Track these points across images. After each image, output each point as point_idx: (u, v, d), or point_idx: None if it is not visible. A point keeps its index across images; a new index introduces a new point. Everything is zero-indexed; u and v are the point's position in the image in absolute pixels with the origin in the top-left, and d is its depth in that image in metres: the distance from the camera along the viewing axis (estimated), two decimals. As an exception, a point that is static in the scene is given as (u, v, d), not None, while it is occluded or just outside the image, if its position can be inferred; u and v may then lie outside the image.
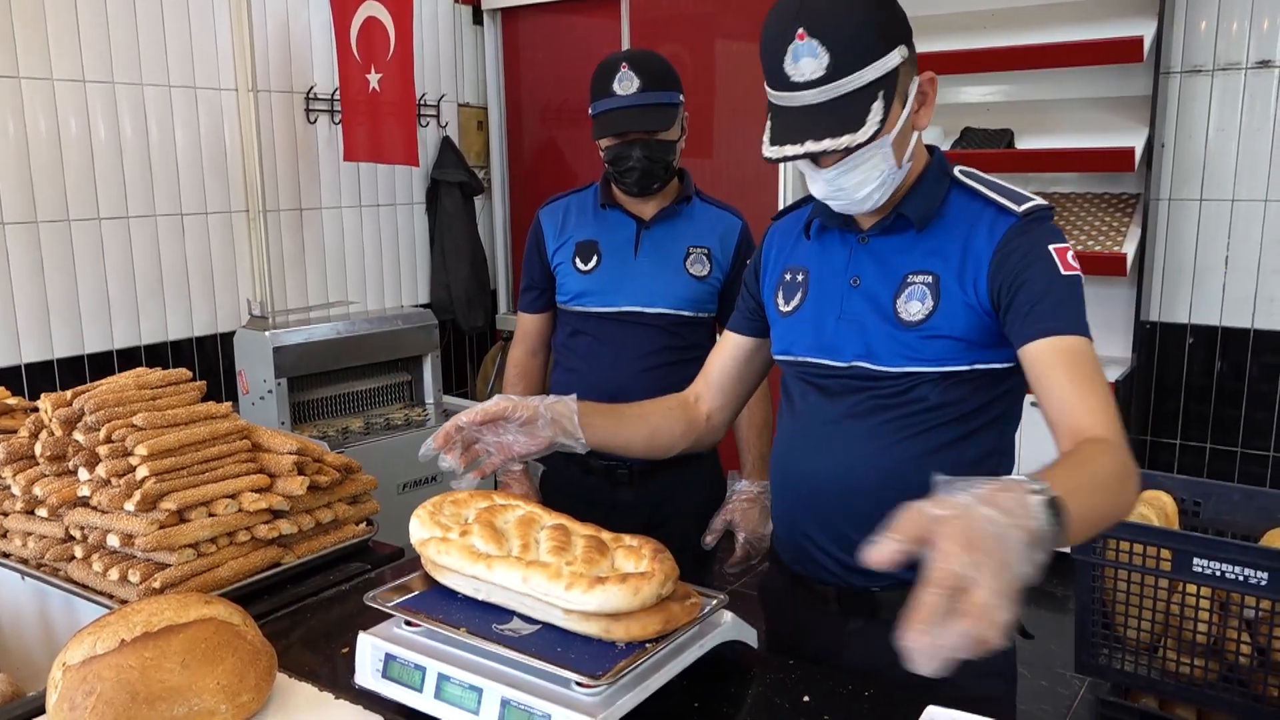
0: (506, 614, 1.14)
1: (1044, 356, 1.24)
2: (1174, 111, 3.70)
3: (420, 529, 1.23)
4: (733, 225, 2.13)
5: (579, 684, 1.02)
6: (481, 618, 1.14)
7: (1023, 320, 1.27)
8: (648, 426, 1.56)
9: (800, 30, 1.22)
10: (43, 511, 1.51)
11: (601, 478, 2.11)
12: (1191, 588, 1.99)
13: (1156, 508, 2.22)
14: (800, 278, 1.48)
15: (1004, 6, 3.81)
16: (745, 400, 1.68)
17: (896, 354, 1.35)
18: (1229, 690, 1.97)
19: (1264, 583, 1.88)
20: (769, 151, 1.29)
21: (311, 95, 4.05)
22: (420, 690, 1.11)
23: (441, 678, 1.10)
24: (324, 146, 4.14)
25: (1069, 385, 1.22)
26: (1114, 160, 3.52)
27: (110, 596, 1.40)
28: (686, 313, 2.08)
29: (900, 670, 1.31)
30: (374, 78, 3.93)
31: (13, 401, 1.78)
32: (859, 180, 1.29)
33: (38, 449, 1.52)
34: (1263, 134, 3.57)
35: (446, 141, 4.63)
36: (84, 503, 1.47)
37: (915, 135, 1.34)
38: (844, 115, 1.24)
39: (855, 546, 1.34)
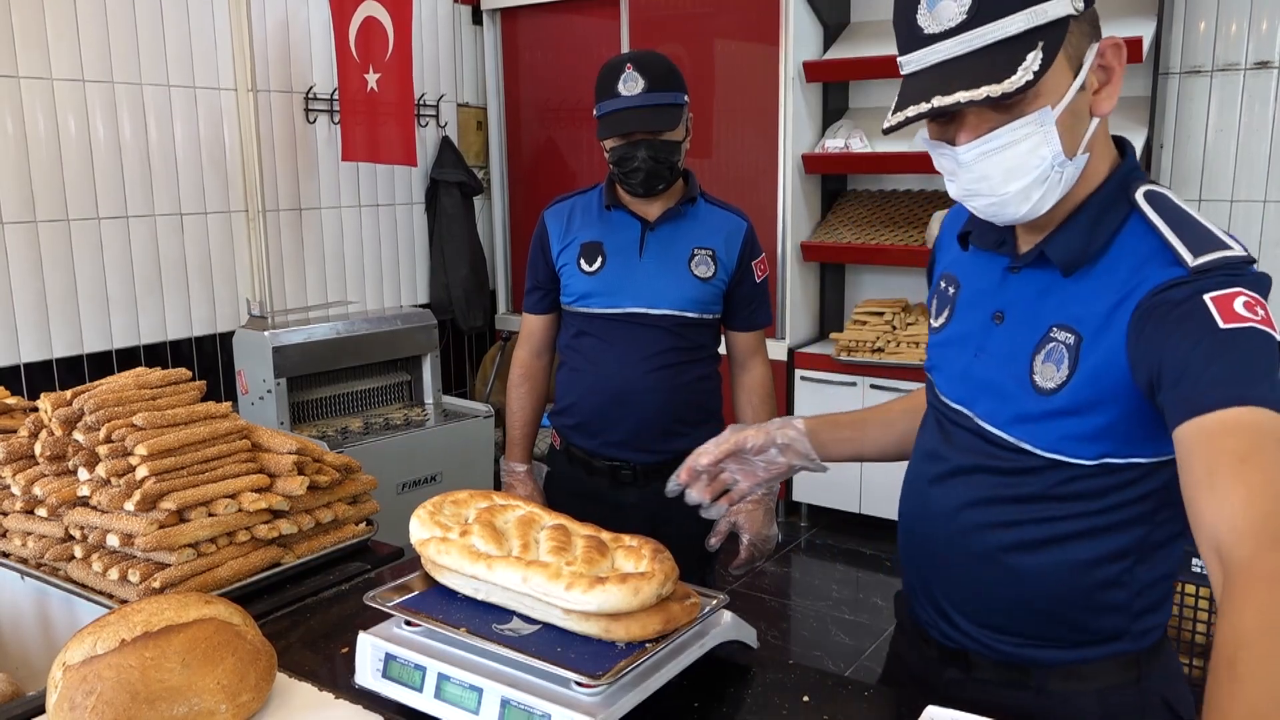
0: (506, 614, 1.14)
1: (1183, 444, 0.92)
2: (1173, 112, 3.70)
3: (420, 529, 1.22)
4: (738, 226, 2.13)
5: (579, 684, 1.02)
6: (481, 618, 1.14)
7: (1170, 400, 0.94)
8: (895, 432, 1.39)
9: None
10: (42, 511, 1.51)
11: (605, 477, 2.11)
12: (1191, 588, 2.00)
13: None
14: (951, 291, 1.24)
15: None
16: None
17: (1016, 422, 1.10)
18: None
19: (1263, 583, 1.88)
20: (889, 120, 1.03)
21: (310, 95, 4.05)
22: (420, 690, 1.11)
23: (441, 677, 1.09)
24: (323, 146, 4.14)
25: (1201, 480, 0.88)
26: (1113, 161, 3.52)
27: (110, 596, 1.40)
28: (691, 314, 2.08)
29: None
30: (373, 78, 3.93)
31: (12, 401, 1.78)
32: (1008, 167, 1.00)
33: (37, 449, 1.52)
34: (1261, 134, 3.58)
35: (446, 141, 4.64)
36: (84, 502, 1.47)
37: (1094, 123, 1.03)
38: (987, 64, 0.96)
39: (944, 612, 1.22)
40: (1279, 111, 3.54)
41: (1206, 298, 0.95)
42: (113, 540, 1.41)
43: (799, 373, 4.20)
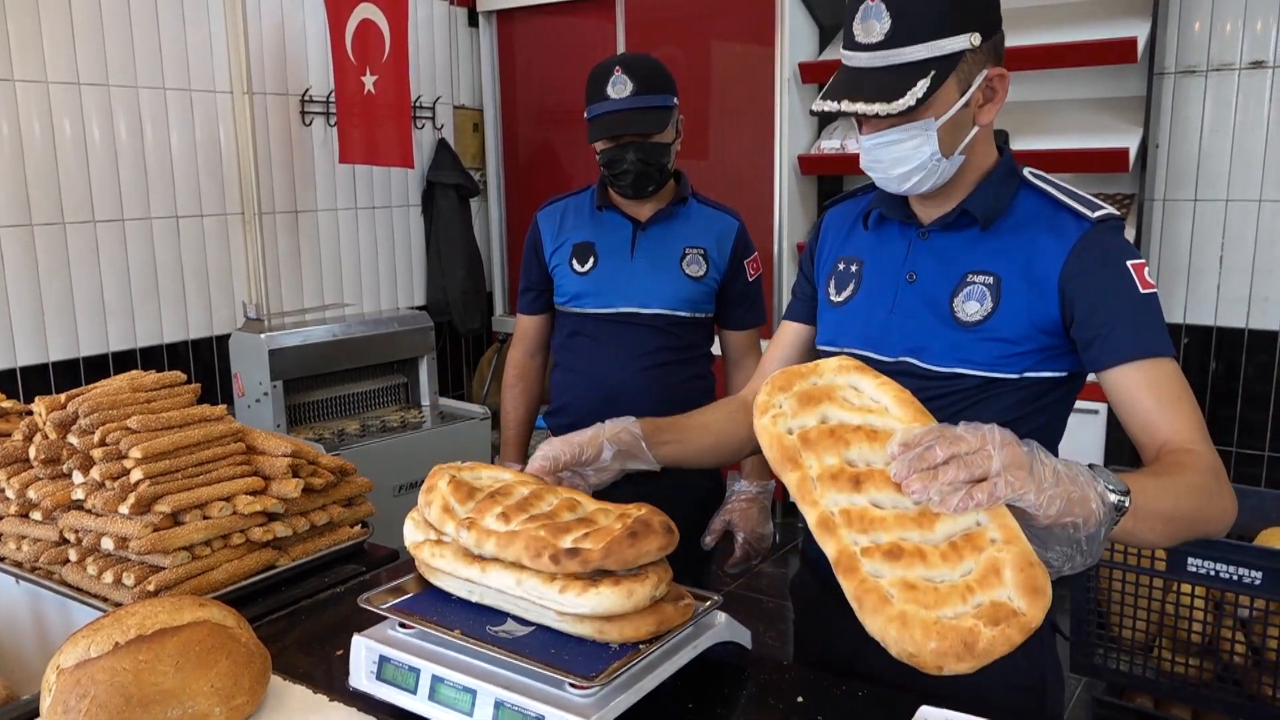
0: (500, 616, 1.14)
1: (1129, 382, 1.22)
2: (1168, 112, 3.71)
3: (414, 531, 1.23)
4: (729, 226, 2.13)
5: (573, 685, 1.02)
6: (476, 620, 1.14)
7: (1103, 343, 1.24)
8: (710, 435, 1.51)
9: None
10: (37, 515, 1.51)
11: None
12: (1186, 587, 2.00)
13: (1151, 507, 2.22)
14: (854, 268, 1.45)
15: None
16: None
17: (947, 353, 1.32)
18: (1224, 689, 1.98)
19: (1258, 582, 1.89)
20: (815, 104, 1.28)
21: (307, 97, 4.05)
22: (414, 692, 1.11)
23: (436, 679, 1.10)
24: (319, 149, 4.14)
25: (1157, 411, 1.20)
26: (1109, 161, 3.53)
27: (104, 600, 1.40)
28: (683, 313, 2.08)
29: (918, 675, 1.33)
30: (369, 80, 3.93)
31: (7, 405, 1.78)
32: (895, 157, 1.27)
33: (32, 452, 1.52)
34: (1256, 134, 3.58)
35: (442, 144, 4.64)
36: (78, 506, 1.47)
37: (975, 129, 1.29)
38: (888, 83, 1.22)
39: None
40: (1274, 111, 3.54)
41: (1128, 264, 1.25)
42: (107, 543, 1.41)
43: (796, 373, 4.20)
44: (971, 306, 1.31)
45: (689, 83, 4.15)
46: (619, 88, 1.97)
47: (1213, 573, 1.94)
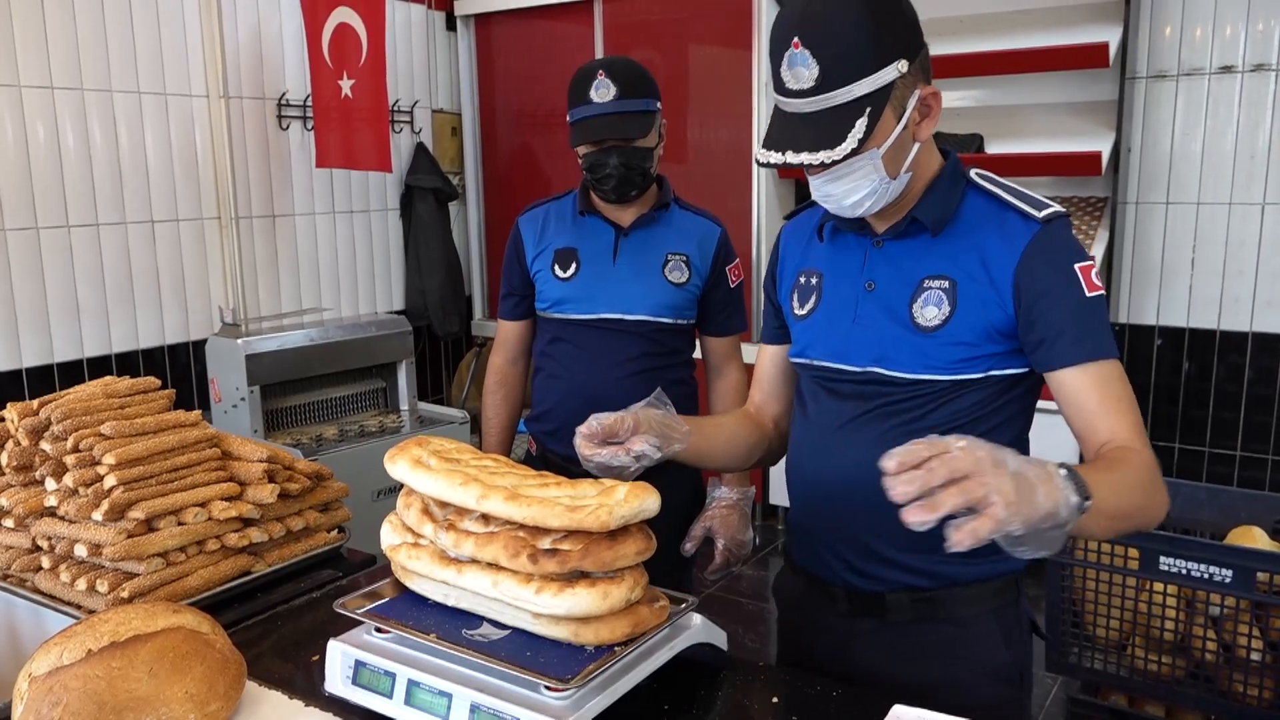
0: (476, 619, 1.15)
1: (1074, 384, 1.27)
2: (1140, 116, 3.75)
3: (392, 534, 1.23)
4: (711, 232, 2.14)
5: (548, 688, 1.02)
6: (451, 623, 1.14)
7: (1050, 345, 1.28)
8: (724, 434, 1.55)
9: (795, 39, 1.22)
10: (9, 522, 1.50)
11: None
12: (1159, 586, 2.02)
13: (1124, 507, 2.24)
14: (814, 281, 1.47)
15: (972, 12, 3.85)
16: None
17: (911, 360, 1.34)
18: (1196, 686, 2.00)
19: (1229, 580, 1.91)
20: (758, 154, 1.30)
21: (283, 101, 4.04)
22: (390, 697, 1.11)
23: (411, 684, 1.10)
24: (296, 152, 4.12)
25: (1101, 412, 1.25)
26: (1081, 164, 3.57)
27: (78, 607, 1.39)
28: (666, 319, 2.09)
29: (902, 669, 1.36)
30: (346, 84, 3.92)
31: (-21, 411, 1.76)
32: (846, 189, 1.30)
33: (3, 459, 1.51)
34: (1226, 137, 3.63)
35: (420, 147, 4.63)
36: (51, 512, 1.46)
37: (916, 146, 1.32)
38: (825, 130, 1.23)
39: (865, 548, 1.39)
40: (1243, 114, 3.59)
41: (1076, 267, 1.28)
42: (81, 550, 1.40)
43: (775, 376, 4.22)
44: (930, 312, 1.33)
45: (667, 87, 4.16)
46: (602, 92, 1.98)
47: (1184, 571, 1.96)
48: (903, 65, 1.24)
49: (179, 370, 3.74)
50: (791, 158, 1.25)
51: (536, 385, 2.21)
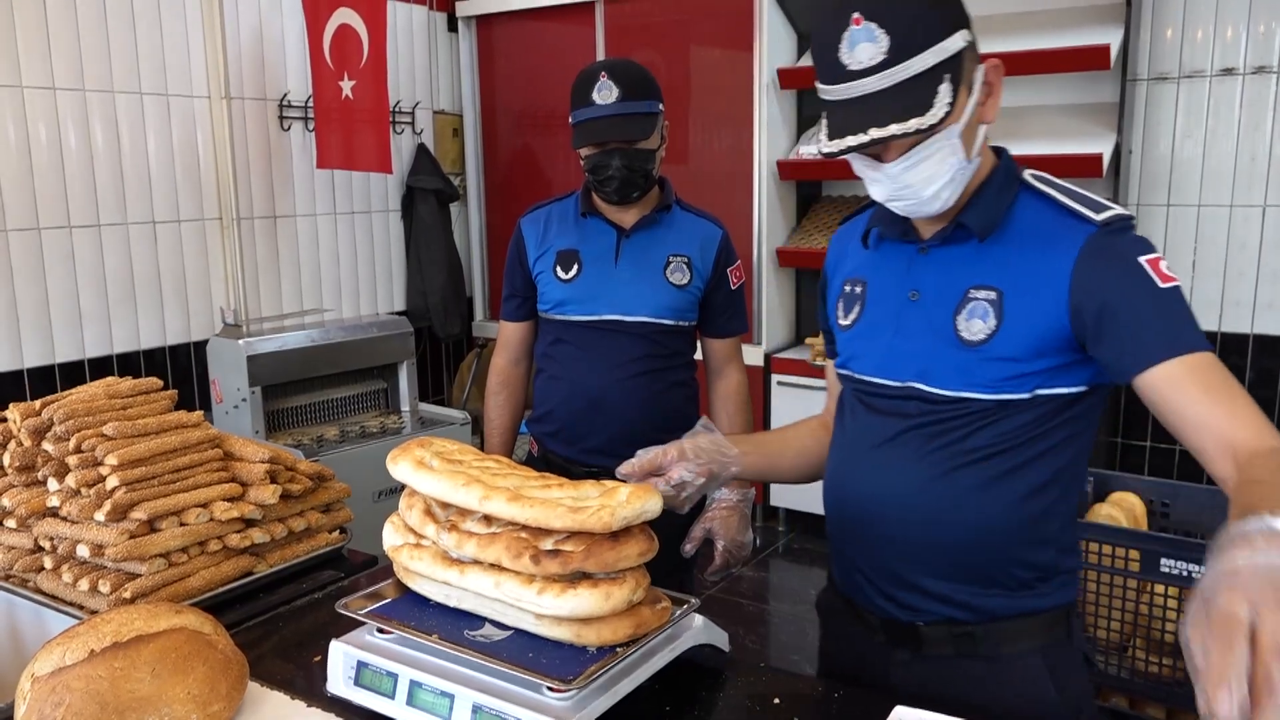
0: (478, 620, 1.15)
1: (1168, 383, 1.14)
2: (1141, 118, 3.75)
3: (393, 535, 1.23)
4: (713, 234, 2.14)
5: (550, 689, 1.02)
6: (453, 624, 1.14)
7: (1130, 348, 1.15)
8: (791, 449, 1.50)
9: (856, 15, 1.14)
10: (11, 522, 1.50)
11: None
12: (1160, 588, 2.02)
13: (1125, 509, 2.25)
14: (859, 290, 1.39)
15: (973, 14, 3.84)
16: None
17: (953, 376, 1.25)
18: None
19: (1229, 582, 1.91)
20: (828, 146, 1.18)
21: (285, 102, 4.04)
22: (392, 697, 1.11)
23: (413, 684, 1.10)
24: (298, 153, 4.13)
25: (1208, 404, 1.12)
26: (1082, 166, 3.57)
27: (80, 607, 1.39)
28: (667, 321, 2.09)
29: (942, 707, 1.22)
30: (347, 85, 3.93)
31: (-19, 412, 1.76)
32: (928, 174, 1.19)
33: (6, 459, 1.51)
34: (1227, 140, 3.63)
35: (421, 149, 4.63)
36: (53, 513, 1.46)
37: (982, 130, 1.23)
38: (909, 99, 1.14)
39: (898, 576, 1.31)
40: (1244, 117, 3.59)
41: (1141, 260, 1.17)
42: (83, 551, 1.41)
43: (775, 378, 4.22)
44: (975, 325, 1.24)
45: (668, 89, 4.16)
46: (605, 93, 1.98)
47: (1185, 573, 1.96)
48: (967, 35, 1.18)
49: (180, 371, 3.74)
50: (876, 133, 1.14)
51: (538, 387, 2.21)
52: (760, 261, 4.18)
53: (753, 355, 4.12)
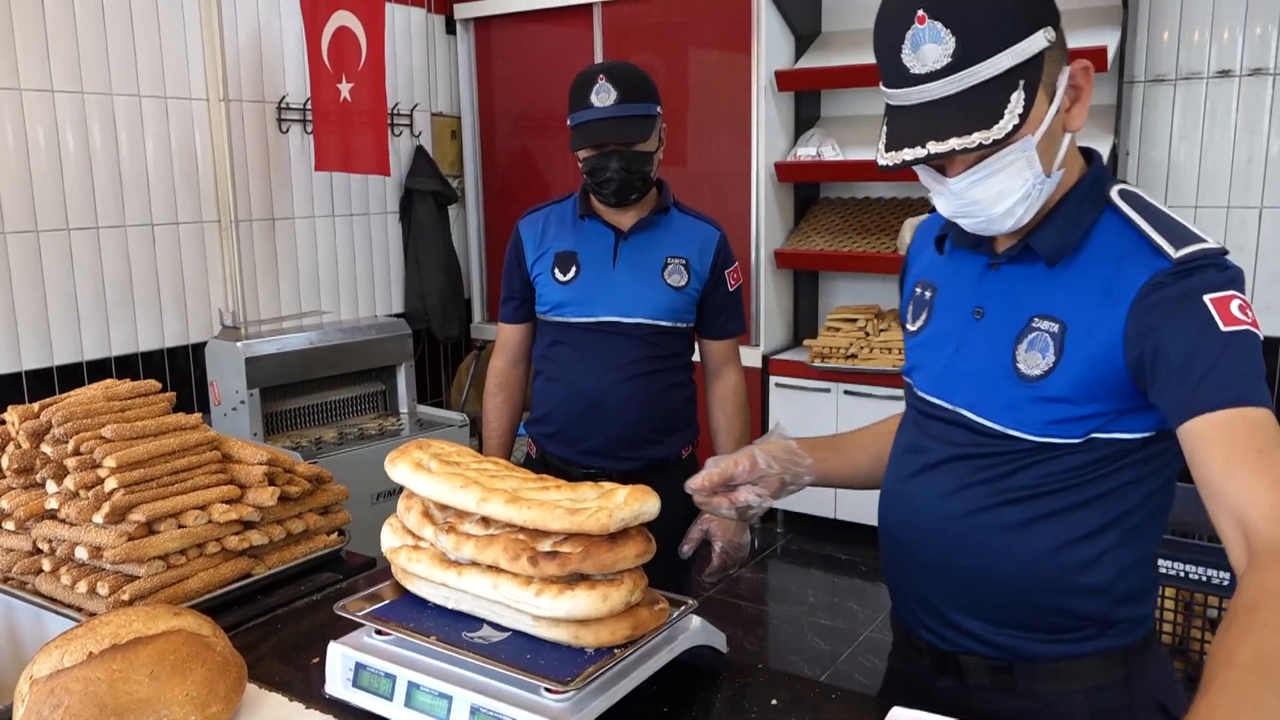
0: (476, 621, 1.15)
1: (1197, 440, 1.01)
2: (1138, 119, 3.76)
3: (392, 537, 1.23)
4: (711, 236, 2.15)
5: (548, 690, 1.03)
6: (451, 625, 1.14)
7: (1177, 396, 1.03)
8: (868, 454, 1.42)
9: (920, 13, 1.02)
10: (10, 524, 1.50)
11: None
12: (1169, 591, 2.02)
13: (1122, 510, 2.24)
14: (928, 295, 1.30)
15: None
16: None
17: (1001, 411, 1.16)
18: (1194, 690, 2.00)
19: (1228, 583, 1.91)
20: (883, 158, 1.08)
21: (283, 105, 4.04)
22: (390, 699, 1.11)
23: (411, 686, 1.10)
24: (296, 156, 4.13)
25: (1226, 471, 0.98)
26: (1080, 168, 3.58)
27: (78, 610, 1.39)
28: (665, 322, 2.10)
29: None
30: (345, 87, 3.93)
31: (-21, 414, 1.76)
32: (996, 191, 1.08)
33: (4, 462, 1.51)
34: (1224, 142, 3.64)
35: (420, 151, 4.63)
36: (52, 515, 1.46)
37: (1067, 139, 1.11)
38: (975, 109, 1.02)
39: (933, 608, 1.25)
40: (1241, 119, 3.60)
41: (1207, 299, 1.03)
42: (81, 553, 1.41)
43: (773, 379, 4.23)
44: (1034, 358, 1.13)
45: (666, 91, 4.17)
46: (603, 96, 1.98)
47: (1183, 574, 1.96)
48: (1051, 33, 1.05)
49: (178, 373, 3.74)
50: (935, 147, 1.03)
51: (536, 388, 2.22)
52: (758, 263, 4.18)
53: (751, 357, 4.13)
